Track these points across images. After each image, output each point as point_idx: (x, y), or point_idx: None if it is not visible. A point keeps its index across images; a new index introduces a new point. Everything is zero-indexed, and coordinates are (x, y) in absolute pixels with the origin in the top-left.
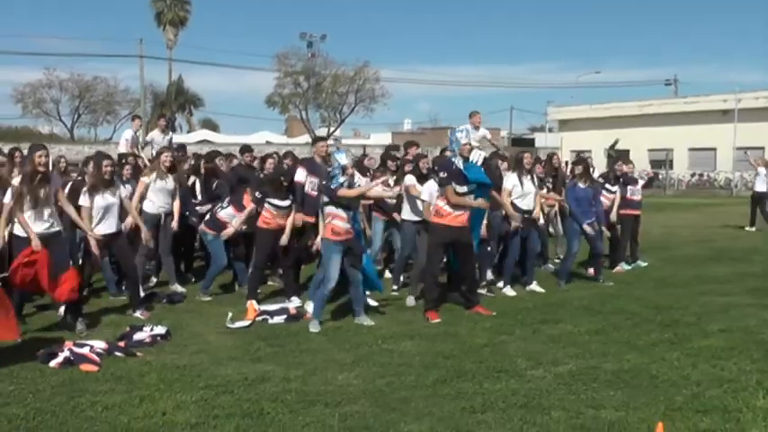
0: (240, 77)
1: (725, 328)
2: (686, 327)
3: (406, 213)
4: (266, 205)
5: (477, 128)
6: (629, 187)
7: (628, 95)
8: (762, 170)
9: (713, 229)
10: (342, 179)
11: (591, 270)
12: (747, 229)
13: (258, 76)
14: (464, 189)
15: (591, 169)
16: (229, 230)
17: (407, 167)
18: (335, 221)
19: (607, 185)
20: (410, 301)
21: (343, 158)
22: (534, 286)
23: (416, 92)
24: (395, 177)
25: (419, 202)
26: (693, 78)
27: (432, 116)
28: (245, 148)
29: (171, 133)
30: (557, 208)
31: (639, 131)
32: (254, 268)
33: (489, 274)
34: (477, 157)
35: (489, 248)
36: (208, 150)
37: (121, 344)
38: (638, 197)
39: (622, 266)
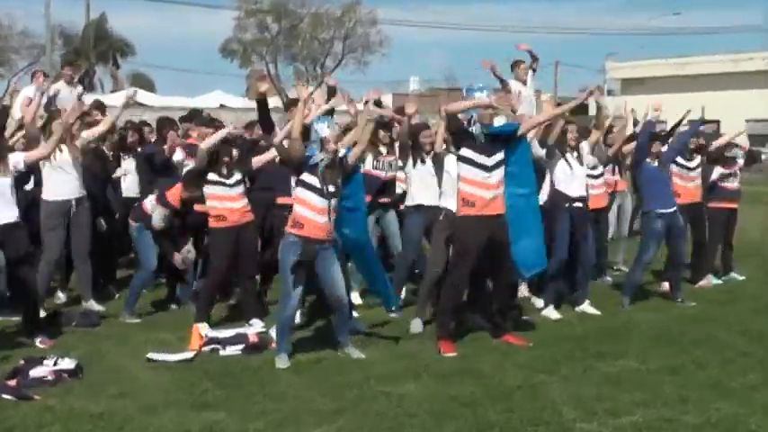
0: (185, 17)
1: None
2: None
3: (410, 197)
4: (210, 190)
5: (523, 83)
6: (720, 170)
7: (719, 46)
8: None
9: None
10: (321, 156)
11: (666, 285)
12: None
13: (210, 15)
14: (486, 161)
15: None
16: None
17: (423, 139)
18: (302, 209)
19: (679, 159)
20: (416, 325)
21: (323, 129)
22: (587, 307)
23: (426, 39)
24: (394, 156)
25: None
26: None
27: (447, 72)
28: (193, 115)
29: (81, 87)
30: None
31: (734, 96)
32: (205, 280)
33: (524, 290)
34: (505, 125)
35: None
36: (157, 116)
37: (12, 383)
38: (734, 184)
39: (710, 280)
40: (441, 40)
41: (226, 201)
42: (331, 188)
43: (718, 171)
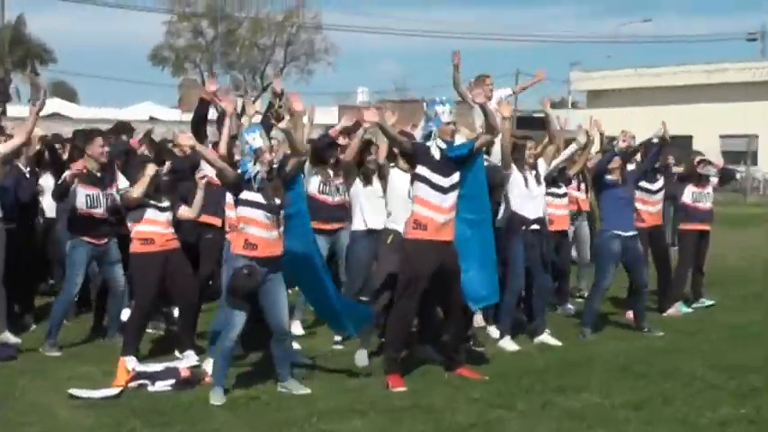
0: (113, 21)
1: None
2: None
3: (359, 221)
4: (140, 212)
5: (487, 99)
6: (692, 189)
7: (692, 56)
8: None
9: None
10: (255, 169)
11: (630, 313)
12: None
13: (140, 19)
14: (442, 182)
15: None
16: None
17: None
18: (251, 229)
19: (643, 183)
20: (361, 357)
21: (255, 139)
22: (546, 337)
23: (377, 47)
24: (340, 174)
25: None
26: None
27: (399, 83)
28: (121, 128)
29: None
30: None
31: (708, 109)
32: (132, 309)
33: (479, 319)
34: (465, 143)
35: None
36: (76, 129)
37: None
38: (706, 205)
39: (679, 308)
40: (392, 48)
41: (156, 225)
42: (277, 201)
43: (689, 190)
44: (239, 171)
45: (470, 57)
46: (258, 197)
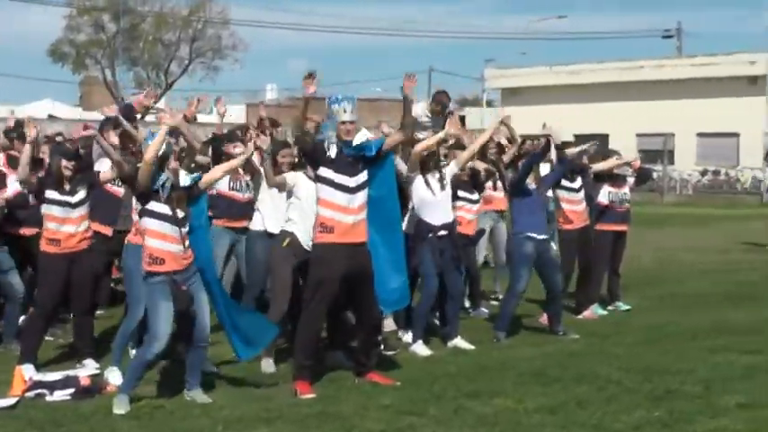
0: (7, 14)
1: (747, 402)
2: (688, 400)
3: (258, 221)
4: (48, 210)
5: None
6: (608, 189)
7: (608, 53)
8: None
9: (734, 255)
10: (163, 177)
11: (545, 317)
12: None
13: (39, 12)
14: (348, 182)
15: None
16: None
17: (281, 159)
18: (155, 242)
19: (564, 182)
20: (267, 365)
21: (167, 145)
22: (459, 341)
23: (286, 43)
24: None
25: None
26: (706, 29)
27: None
28: (15, 127)
29: None
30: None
31: (624, 107)
32: (31, 314)
33: (391, 323)
34: (370, 143)
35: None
36: None
37: None
38: (623, 206)
39: (594, 310)
40: (302, 45)
41: (64, 224)
42: (180, 213)
43: (605, 191)
44: None
45: (383, 54)
46: (164, 208)
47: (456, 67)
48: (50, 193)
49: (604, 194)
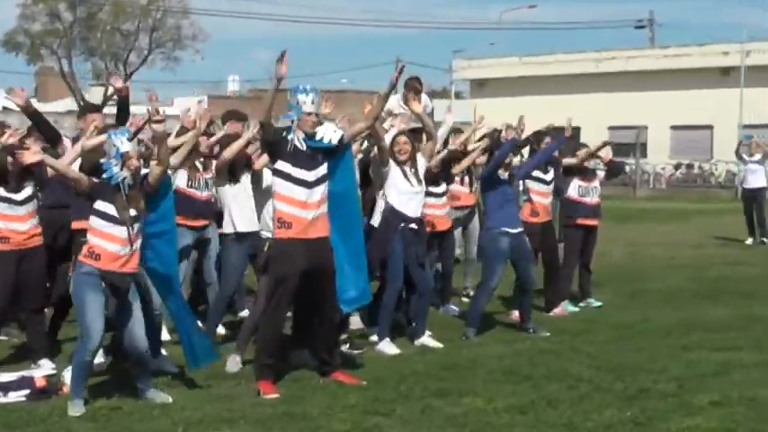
0: None
1: (720, 399)
2: (661, 399)
3: (228, 223)
4: None
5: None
6: (578, 183)
7: (579, 44)
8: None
9: (707, 250)
10: (122, 174)
11: (516, 313)
12: (747, 242)
13: None
14: (306, 176)
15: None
16: None
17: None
18: (97, 240)
19: (536, 172)
20: (232, 364)
21: (123, 142)
22: (427, 339)
23: (249, 33)
24: (209, 167)
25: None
26: (679, 20)
27: (272, 72)
28: None
29: None
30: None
31: (595, 99)
32: None
33: (357, 321)
34: (332, 134)
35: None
36: None
37: None
38: (593, 200)
39: (565, 307)
40: (265, 35)
41: (11, 221)
42: (132, 212)
43: (575, 184)
44: (104, 176)
45: (349, 44)
46: (110, 208)
47: (423, 58)
48: None
49: (574, 188)
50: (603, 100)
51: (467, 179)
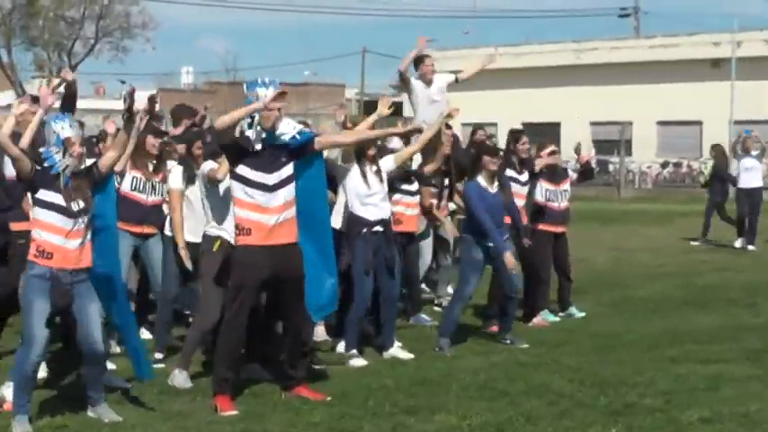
0: None
1: (710, 416)
2: (647, 414)
3: (170, 227)
4: None
5: (429, 82)
6: (545, 186)
7: (559, 33)
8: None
9: (696, 255)
10: (64, 162)
11: (494, 326)
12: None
13: None
14: (266, 179)
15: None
16: None
17: (197, 150)
18: (44, 234)
19: (512, 173)
20: (180, 379)
21: (64, 128)
22: (396, 351)
23: (203, 22)
24: (163, 169)
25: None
26: (666, 8)
27: (228, 63)
28: None
29: None
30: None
31: (577, 93)
32: None
33: (322, 332)
34: (292, 130)
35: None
36: None
37: None
38: (561, 204)
39: (544, 317)
40: (220, 24)
41: None
42: (80, 203)
43: (542, 187)
44: (45, 164)
45: (312, 33)
46: (56, 197)
47: (392, 49)
48: None
49: (540, 191)
50: (585, 93)
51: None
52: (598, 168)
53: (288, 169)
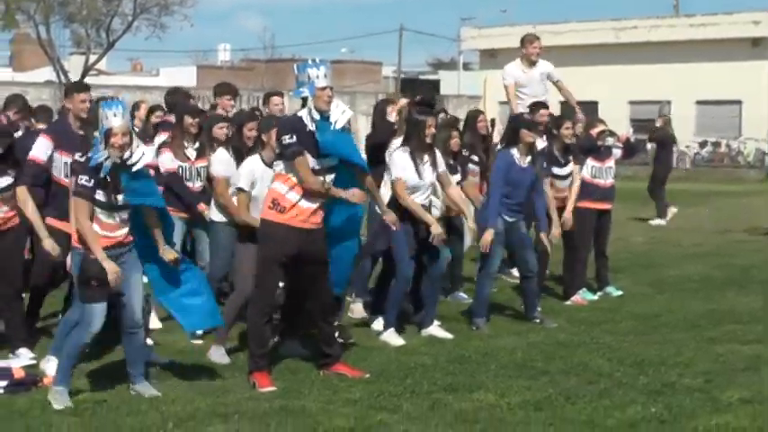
0: None
1: (750, 396)
2: (687, 394)
3: (217, 211)
4: None
5: (532, 63)
6: (591, 163)
7: (598, 12)
8: None
9: (735, 235)
10: (105, 154)
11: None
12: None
13: None
14: (315, 164)
15: (538, 132)
16: None
17: (218, 130)
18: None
19: (554, 168)
20: (219, 355)
21: (108, 117)
22: (435, 329)
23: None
24: (196, 145)
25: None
26: None
27: (266, 40)
28: None
29: None
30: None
31: (615, 72)
32: None
33: (360, 309)
34: (341, 114)
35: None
36: None
37: None
38: (606, 181)
39: (582, 296)
40: (259, 1)
41: None
42: (120, 198)
43: (588, 165)
44: (89, 154)
45: (349, 11)
46: (101, 195)
47: (430, 27)
48: None
49: (587, 168)
50: (624, 73)
51: (479, 170)
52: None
53: (332, 160)
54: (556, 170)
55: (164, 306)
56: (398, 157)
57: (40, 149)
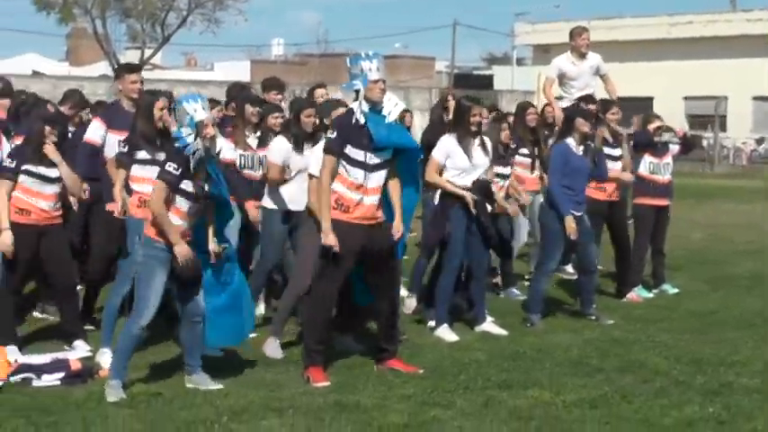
0: None
1: None
2: (745, 395)
3: (270, 199)
4: (22, 180)
5: (582, 56)
6: (648, 159)
7: (652, 7)
8: None
9: None
10: (196, 145)
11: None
12: None
13: None
14: (362, 156)
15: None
16: None
17: (272, 120)
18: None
19: (606, 148)
20: (273, 349)
21: (197, 110)
22: (489, 326)
23: None
24: (257, 134)
25: (296, 184)
26: None
27: (320, 35)
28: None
29: None
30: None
31: (670, 67)
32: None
33: (412, 304)
34: (393, 107)
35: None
36: None
37: None
38: (664, 177)
39: (638, 293)
40: None
41: (35, 196)
42: (205, 187)
43: (646, 161)
44: (176, 145)
45: (403, 5)
46: (188, 185)
47: (483, 22)
48: (29, 167)
49: (644, 165)
50: (679, 68)
51: (529, 162)
52: (705, 138)
53: (387, 153)
54: (608, 150)
55: None
56: (443, 142)
57: (95, 132)
